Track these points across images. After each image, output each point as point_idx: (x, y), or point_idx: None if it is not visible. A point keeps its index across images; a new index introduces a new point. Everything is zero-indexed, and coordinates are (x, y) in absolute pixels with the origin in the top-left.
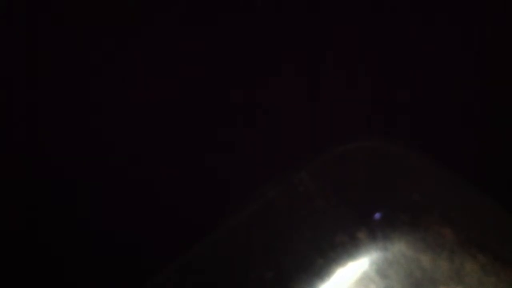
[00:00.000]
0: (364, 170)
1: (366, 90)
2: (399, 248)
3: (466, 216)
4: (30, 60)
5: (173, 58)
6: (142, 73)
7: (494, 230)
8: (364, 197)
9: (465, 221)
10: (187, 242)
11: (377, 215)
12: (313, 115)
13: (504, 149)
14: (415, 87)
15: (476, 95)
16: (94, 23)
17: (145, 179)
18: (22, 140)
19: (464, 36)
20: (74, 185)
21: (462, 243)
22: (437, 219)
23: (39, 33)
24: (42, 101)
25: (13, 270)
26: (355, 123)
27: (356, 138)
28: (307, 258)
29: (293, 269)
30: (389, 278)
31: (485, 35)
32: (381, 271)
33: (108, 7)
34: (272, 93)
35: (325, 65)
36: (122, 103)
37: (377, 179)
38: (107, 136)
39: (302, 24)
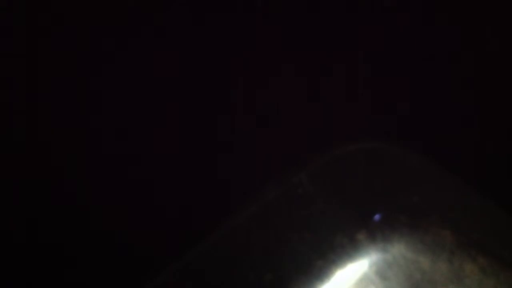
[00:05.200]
0: (364, 172)
1: (366, 91)
2: (398, 249)
3: (466, 218)
4: (30, 60)
5: (173, 58)
6: (142, 73)
7: (494, 232)
8: (363, 198)
9: (465, 222)
10: (187, 243)
11: (376, 217)
12: (313, 116)
13: (504, 151)
14: (415, 88)
15: (476, 96)
16: (94, 23)
17: (145, 179)
18: (22, 140)
19: (464, 36)
20: (74, 185)
21: (462, 244)
22: (437, 220)
23: (39, 33)
24: (42, 101)
25: (12, 270)
26: (355, 124)
27: (356, 140)
28: (306, 260)
29: (292, 271)
30: (389, 280)
31: (485, 35)
32: (381, 272)
33: (108, 7)
34: (272, 93)
35: (325, 65)
36: (122, 103)
37: (376, 180)
38: (107, 136)
39: (302, 24)
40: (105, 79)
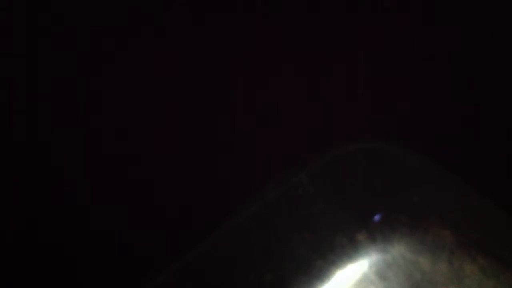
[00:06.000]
0: (364, 172)
1: (366, 91)
2: (398, 250)
3: (466, 218)
4: (30, 60)
5: (173, 58)
6: (142, 73)
7: (494, 232)
8: (363, 198)
9: (465, 223)
10: (187, 243)
11: (376, 217)
12: (313, 116)
13: (504, 151)
14: (415, 88)
15: (476, 96)
16: (94, 23)
17: (145, 179)
18: (22, 140)
19: (464, 36)
20: (74, 185)
21: (462, 245)
22: (437, 221)
23: (39, 33)
24: (42, 101)
25: (12, 270)
26: (355, 124)
27: (356, 140)
28: (306, 260)
29: (292, 271)
30: (389, 280)
31: (485, 35)
32: (381, 273)
33: (108, 7)
34: (272, 93)
35: (325, 65)
36: (122, 103)
37: (376, 180)
38: (107, 136)
39: (302, 24)
40: (105, 79)
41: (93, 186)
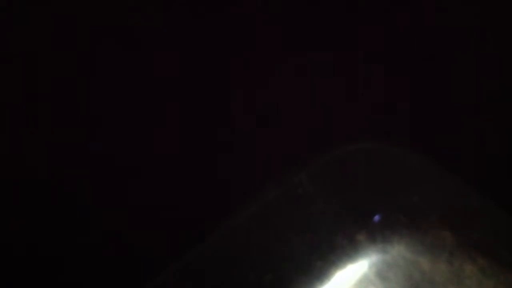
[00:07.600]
0: (364, 172)
1: (366, 91)
2: (398, 250)
3: (466, 219)
4: (30, 60)
5: (173, 58)
6: (142, 73)
7: (494, 232)
8: (363, 199)
9: (465, 223)
10: (187, 243)
11: (376, 217)
12: (313, 115)
13: (504, 151)
14: (415, 88)
15: (476, 96)
16: (94, 23)
17: (145, 179)
18: (22, 140)
19: (465, 36)
20: (74, 185)
21: (462, 245)
22: (437, 221)
23: (39, 33)
24: (42, 101)
25: (12, 269)
26: (355, 124)
27: (356, 140)
28: (306, 260)
29: (292, 272)
30: (389, 281)
31: (485, 35)
32: (381, 273)
33: (108, 7)
34: (272, 93)
35: (325, 65)
36: (122, 103)
37: (377, 181)
38: (107, 135)
39: (302, 24)
40: (105, 79)
41: (93, 186)
